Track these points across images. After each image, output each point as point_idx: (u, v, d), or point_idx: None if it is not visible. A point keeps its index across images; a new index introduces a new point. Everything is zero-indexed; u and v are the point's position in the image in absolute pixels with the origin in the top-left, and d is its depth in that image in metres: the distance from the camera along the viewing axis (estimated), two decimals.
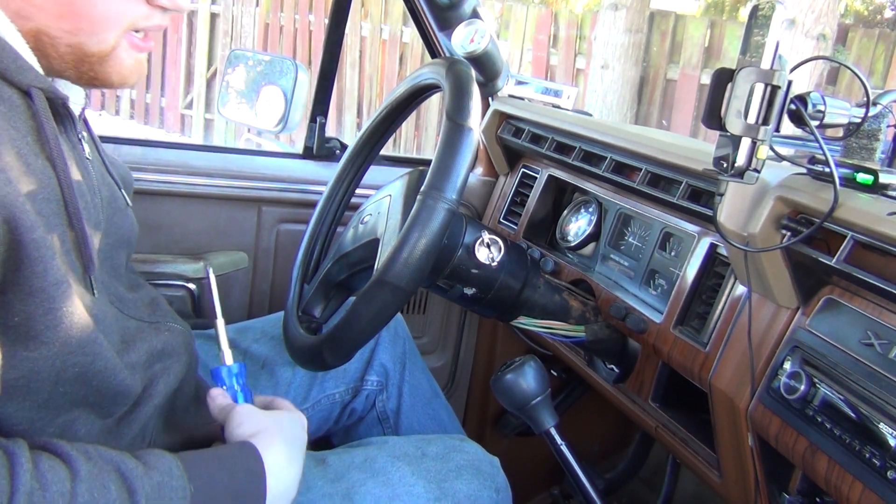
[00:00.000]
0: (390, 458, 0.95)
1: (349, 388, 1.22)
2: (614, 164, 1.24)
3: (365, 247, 1.05)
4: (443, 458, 0.97)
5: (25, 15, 0.66)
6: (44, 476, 0.58)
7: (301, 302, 1.12)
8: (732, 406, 0.93)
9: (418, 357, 1.30)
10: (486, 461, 1.01)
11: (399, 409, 1.25)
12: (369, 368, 1.23)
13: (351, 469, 0.93)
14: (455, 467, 0.97)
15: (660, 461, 1.64)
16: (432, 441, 1.01)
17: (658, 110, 4.86)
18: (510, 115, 1.53)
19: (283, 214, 1.53)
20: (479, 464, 1.00)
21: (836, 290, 0.84)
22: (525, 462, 1.43)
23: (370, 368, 1.23)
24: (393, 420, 1.25)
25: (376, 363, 1.23)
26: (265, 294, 1.56)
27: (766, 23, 0.75)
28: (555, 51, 5.09)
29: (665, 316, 1.09)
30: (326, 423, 1.22)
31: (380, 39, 5.52)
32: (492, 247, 1.08)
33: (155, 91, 6.39)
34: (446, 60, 0.99)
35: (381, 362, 1.23)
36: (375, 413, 1.24)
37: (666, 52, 4.78)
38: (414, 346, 1.30)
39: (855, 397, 0.77)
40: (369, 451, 0.96)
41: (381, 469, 0.93)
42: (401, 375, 1.25)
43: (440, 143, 0.88)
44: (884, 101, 0.84)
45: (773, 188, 0.88)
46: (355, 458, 0.95)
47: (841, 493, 0.78)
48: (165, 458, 0.67)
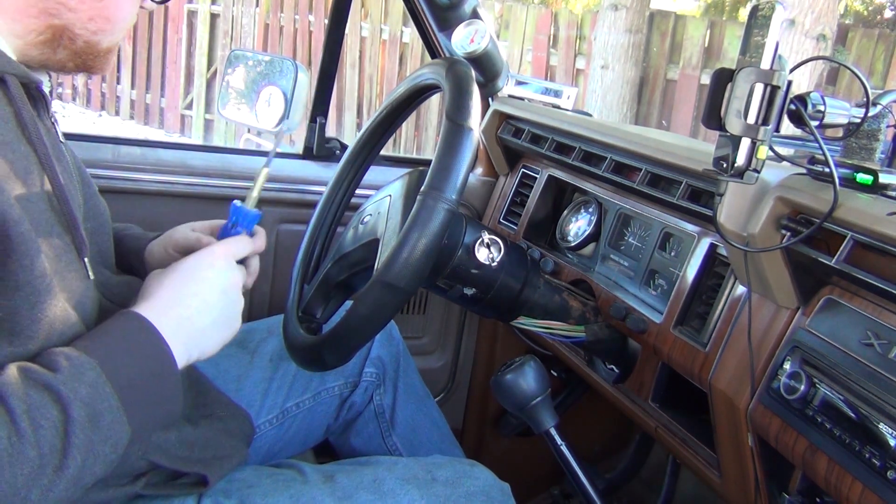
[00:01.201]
0: (400, 480, 0.94)
1: (348, 381, 1.23)
2: (614, 164, 1.24)
3: (365, 247, 1.05)
4: (453, 484, 0.97)
5: (54, 13, 0.71)
6: None
7: (301, 302, 1.12)
8: (732, 406, 0.93)
9: (411, 359, 1.32)
10: (497, 488, 1.01)
11: (394, 404, 1.26)
12: (367, 361, 1.24)
13: (360, 489, 0.92)
14: (465, 493, 0.96)
15: (660, 461, 1.64)
16: (443, 465, 1.00)
17: (658, 110, 4.86)
18: (510, 115, 1.53)
19: (282, 215, 1.53)
20: (489, 490, 0.99)
21: (835, 291, 0.84)
22: (525, 462, 1.43)
23: (368, 361, 1.24)
24: (389, 415, 1.26)
25: (374, 356, 1.25)
26: (265, 294, 1.56)
27: (766, 23, 0.75)
28: (555, 51, 5.09)
29: (665, 316, 1.09)
30: (326, 418, 1.23)
31: (380, 39, 5.52)
32: (492, 247, 1.08)
33: (155, 91, 6.39)
34: (446, 60, 0.99)
35: (379, 355, 1.25)
36: (373, 407, 1.25)
37: (666, 53, 4.78)
38: (407, 350, 1.32)
39: (855, 397, 0.77)
40: (378, 472, 0.96)
41: (390, 491, 0.93)
42: (395, 372, 1.27)
43: (440, 143, 0.88)
44: (883, 102, 0.84)
45: (772, 188, 0.88)
46: (364, 478, 0.94)
47: (841, 493, 0.78)
48: (58, 350, 0.66)
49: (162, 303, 0.74)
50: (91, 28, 0.73)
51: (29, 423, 0.59)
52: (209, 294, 0.78)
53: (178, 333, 0.73)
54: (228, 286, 0.80)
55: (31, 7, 0.70)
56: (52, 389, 0.62)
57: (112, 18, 0.75)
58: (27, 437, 0.59)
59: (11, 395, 0.60)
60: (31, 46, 0.72)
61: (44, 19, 0.70)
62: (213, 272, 0.79)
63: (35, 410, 0.60)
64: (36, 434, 0.59)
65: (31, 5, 0.69)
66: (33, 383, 0.62)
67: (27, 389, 0.61)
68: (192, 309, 0.76)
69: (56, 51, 0.73)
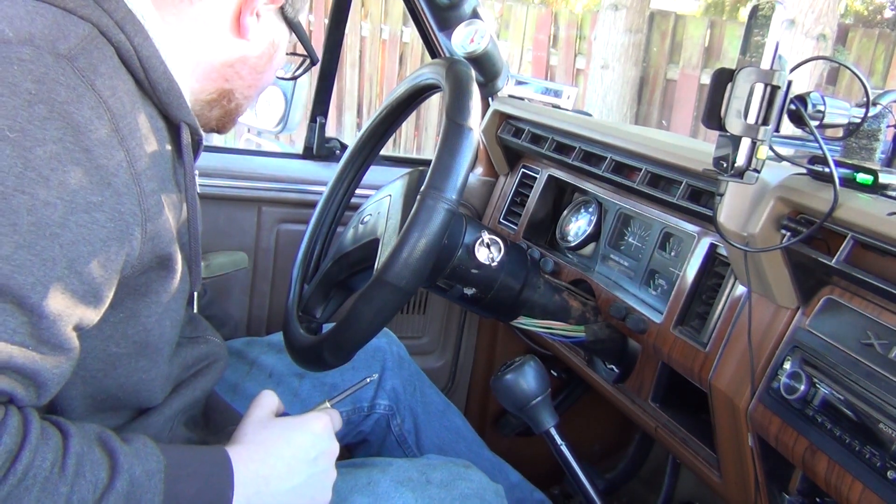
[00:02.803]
0: (394, 482, 0.94)
1: (356, 407, 1.22)
2: (614, 164, 1.24)
3: (365, 247, 1.05)
4: (447, 486, 0.96)
5: (229, 79, 0.81)
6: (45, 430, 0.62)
7: (301, 302, 1.12)
8: (732, 406, 0.93)
9: (424, 376, 1.31)
10: (491, 490, 1.01)
11: (417, 428, 1.25)
12: (379, 392, 1.23)
13: (354, 492, 0.92)
14: (459, 495, 0.96)
15: (660, 461, 1.64)
16: (437, 467, 1.00)
17: (658, 110, 4.86)
18: (510, 115, 1.53)
19: (282, 214, 1.53)
20: (483, 493, 0.99)
21: (835, 290, 0.84)
22: (525, 462, 1.43)
23: (380, 392, 1.23)
24: (414, 441, 1.25)
25: (387, 387, 1.23)
26: (265, 294, 1.56)
27: (766, 23, 0.75)
28: (555, 51, 5.09)
29: (665, 316, 1.09)
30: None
31: (380, 39, 5.52)
32: (492, 247, 1.08)
33: None
34: (446, 60, 0.99)
35: (392, 386, 1.23)
36: (393, 437, 1.24)
37: (666, 52, 4.77)
38: (418, 368, 1.31)
39: (855, 397, 0.77)
40: (373, 474, 0.95)
41: (384, 494, 0.92)
42: (412, 396, 1.26)
43: (440, 143, 0.88)
44: (884, 101, 0.84)
45: (773, 188, 0.88)
46: (359, 481, 0.94)
47: (841, 493, 0.78)
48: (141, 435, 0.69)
49: (248, 453, 0.77)
50: (246, 94, 0.84)
51: (75, 468, 0.61)
52: (295, 460, 0.80)
53: (247, 486, 0.74)
54: (320, 455, 0.82)
55: (213, 72, 0.79)
56: (113, 457, 0.64)
57: (261, 87, 0.85)
58: (66, 478, 0.61)
59: (75, 437, 0.63)
60: (198, 102, 0.81)
61: (219, 83, 0.81)
62: (310, 438, 0.82)
63: (87, 463, 0.62)
64: (75, 481, 0.61)
65: (215, 70, 0.79)
66: (101, 443, 0.65)
67: (92, 444, 0.64)
68: (273, 469, 0.78)
69: (213, 109, 0.83)
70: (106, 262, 0.64)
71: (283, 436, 0.81)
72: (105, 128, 0.63)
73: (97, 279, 0.64)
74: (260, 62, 0.82)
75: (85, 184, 0.62)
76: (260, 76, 0.84)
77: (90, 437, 0.65)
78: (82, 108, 0.62)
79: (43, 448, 0.60)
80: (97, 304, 0.65)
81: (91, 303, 0.64)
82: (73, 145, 0.61)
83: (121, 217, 0.64)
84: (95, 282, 0.63)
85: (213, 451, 0.75)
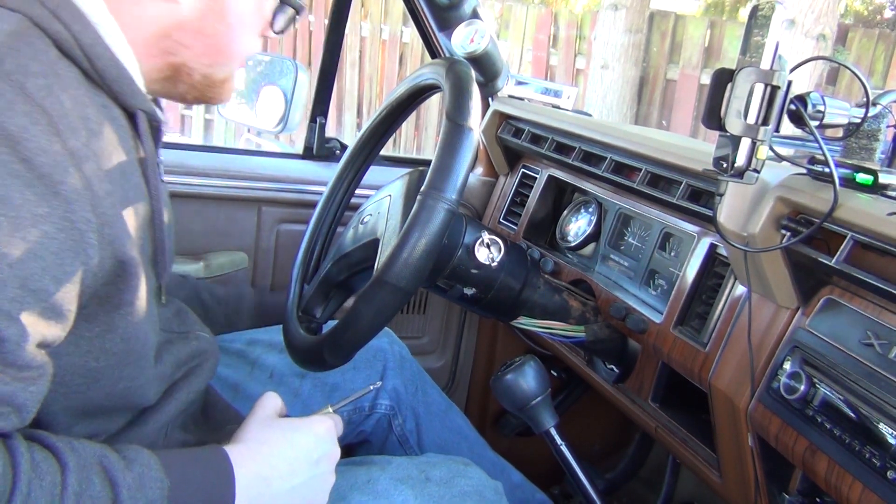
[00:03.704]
0: (393, 480, 0.94)
1: (357, 407, 1.21)
2: (614, 164, 1.24)
3: (365, 247, 1.05)
4: (447, 484, 0.96)
5: (173, 51, 0.74)
6: (38, 466, 0.59)
7: (301, 302, 1.12)
8: (732, 406, 0.93)
9: (426, 375, 1.31)
10: (490, 487, 1.01)
11: (418, 428, 1.25)
12: (381, 392, 1.22)
13: (353, 490, 0.92)
14: (459, 493, 0.96)
15: (660, 461, 1.64)
16: (436, 465, 1.00)
17: (658, 110, 4.86)
18: (510, 115, 1.53)
19: (282, 214, 1.53)
20: (482, 490, 0.99)
21: (835, 291, 0.84)
22: (525, 462, 1.43)
23: (381, 392, 1.22)
24: (414, 440, 1.25)
25: (389, 387, 1.23)
26: (265, 294, 1.56)
27: (766, 23, 0.75)
28: (555, 51, 5.09)
29: (665, 316, 1.09)
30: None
31: (380, 39, 5.52)
32: (492, 247, 1.08)
33: None
34: (446, 60, 0.99)
35: (394, 386, 1.23)
36: (395, 438, 1.24)
37: (666, 52, 4.77)
38: (420, 368, 1.30)
39: (855, 397, 0.77)
40: (372, 472, 0.95)
41: (384, 492, 0.92)
42: (413, 396, 1.25)
43: (440, 143, 0.88)
44: (883, 102, 0.84)
45: (772, 188, 0.88)
46: (358, 478, 0.94)
47: (841, 493, 0.78)
48: (143, 453, 0.68)
49: (251, 453, 0.77)
50: (205, 62, 0.76)
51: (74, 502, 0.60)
52: (298, 461, 0.79)
53: (249, 488, 0.74)
54: (322, 457, 0.82)
55: (152, 47, 0.73)
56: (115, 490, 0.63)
57: (224, 51, 0.77)
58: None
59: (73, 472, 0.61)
60: (155, 82, 0.76)
61: (164, 58, 0.74)
62: (312, 440, 0.81)
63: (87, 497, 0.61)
64: None
65: (152, 45, 0.73)
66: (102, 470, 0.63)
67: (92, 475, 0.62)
68: (274, 469, 0.77)
69: (177, 85, 0.77)
70: (61, 275, 0.60)
71: (286, 436, 0.80)
72: (43, 134, 0.58)
73: (55, 295, 0.60)
74: (205, 24, 0.74)
75: (28, 196, 0.57)
76: (213, 39, 0.75)
77: (90, 465, 0.62)
78: (14, 115, 0.57)
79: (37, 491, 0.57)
80: (60, 320, 0.62)
81: (53, 318, 0.61)
82: (9, 157, 0.57)
83: (72, 226, 0.60)
84: (53, 297, 0.60)
85: (215, 460, 0.74)
